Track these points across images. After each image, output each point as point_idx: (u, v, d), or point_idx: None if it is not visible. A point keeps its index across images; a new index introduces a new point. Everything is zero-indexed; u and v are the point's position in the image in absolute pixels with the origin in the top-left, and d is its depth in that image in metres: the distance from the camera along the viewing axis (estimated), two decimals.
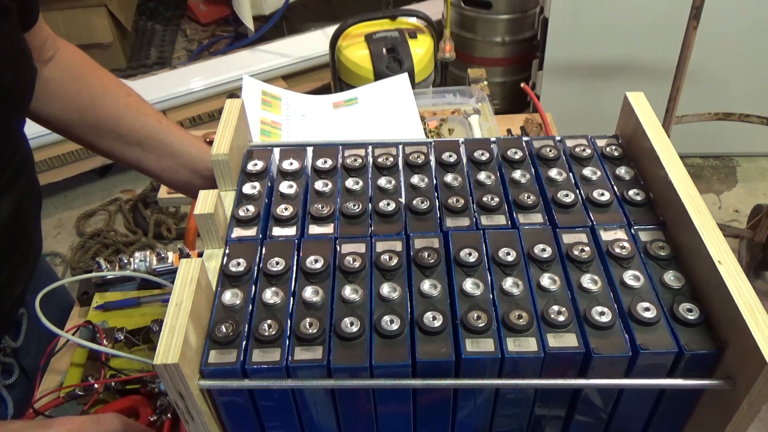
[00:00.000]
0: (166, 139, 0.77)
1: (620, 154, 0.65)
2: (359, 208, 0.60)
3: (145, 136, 0.77)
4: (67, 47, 0.78)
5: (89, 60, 0.80)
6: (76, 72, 0.77)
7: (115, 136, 0.76)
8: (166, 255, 0.85)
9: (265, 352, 0.49)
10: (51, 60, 0.75)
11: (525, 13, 2.30)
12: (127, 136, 0.76)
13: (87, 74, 0.78)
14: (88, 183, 2.46)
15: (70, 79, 0.76)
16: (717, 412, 0.50)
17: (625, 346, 0.49)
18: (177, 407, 0.49)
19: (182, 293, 0.49)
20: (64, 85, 0.76)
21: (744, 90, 2.17)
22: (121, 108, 0.77)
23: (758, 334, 0.44)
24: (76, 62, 0.78)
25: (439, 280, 0.53)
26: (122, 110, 0.77)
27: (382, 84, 1.30)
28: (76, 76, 0.77)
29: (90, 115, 0.76)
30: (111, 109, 0.77)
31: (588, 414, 0.55)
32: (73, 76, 0.77)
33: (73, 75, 0.77)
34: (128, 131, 0.76)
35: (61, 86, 0.75)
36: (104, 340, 0.77)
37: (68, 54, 0.77)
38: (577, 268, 0.54)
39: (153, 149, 0.77)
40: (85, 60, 0.79)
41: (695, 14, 1.53)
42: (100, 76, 0.79)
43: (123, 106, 0.78)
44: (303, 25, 2.94)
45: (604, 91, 2.17)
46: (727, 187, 2.36)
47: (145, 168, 0.79)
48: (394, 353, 0.49)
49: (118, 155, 0.78)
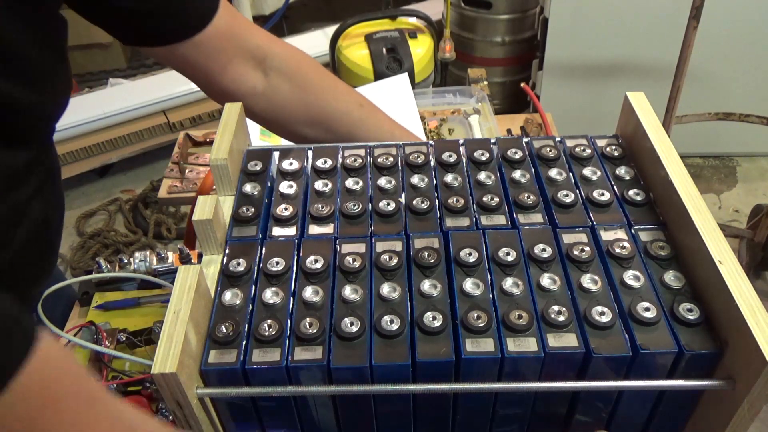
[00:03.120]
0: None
1: (620, 154, 0.65)
2: (359, 208, 0.60)
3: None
4: (285, 51, 0.76)
5: (313, 65, 0.79)
6: (301, 82, 0.76)
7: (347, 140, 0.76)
8: (166, 255, 0.85)
9: (265, 352, 0.49)
10: (271, 69, 0.74)
11: (525, 13, 2.30)
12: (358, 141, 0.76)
13: (314, 83, 0.77)
14: (88, 183, 2.46)
15: (297, 89, 0.76)
16: (717, 412, 0.50)
17: (625, 346, 0.49)
18: (175, 416, 0.49)
19: (180, 301, 0.49)
20: (291, 96, 0.75)
21: (744, 90, 2.17)
22: (354, 122, 0.77)
23: (759, 334, 0.44)
24: (300, 70, 0.77)
25: (439, 280, 0.53)
26: (356, 124, 0.77)
27: (382, 84, 1.30)
28: (302, 86, 0.76)
29: (320, 125, 0.76)
30: (344, 124, 0.77)
31: (588, 414, 0.55)
32: (300, 86, 0.76)
33: (299, 85, 0.76)
34: (362, 139, 0.76)
35: (288, 98, 0.75)
36: (106, 341, 0.77)
37: (290, 61, 0.76)
38: (577, 268, 0.54)
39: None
40: (308, 66, 0.78)
41: (695, 14, 1.53)
42: (327, 84, 0.78)
43: (357, 120, 0.77)
44: (303, 25, 2.94)
45: (604, 91, 2.17)
46: (727, 187, 2.35)
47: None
48: (394, 353, 0.49)
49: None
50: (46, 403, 0.38)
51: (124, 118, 2.26)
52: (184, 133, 1.32)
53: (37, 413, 0.37)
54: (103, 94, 2.32)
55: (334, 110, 0.76)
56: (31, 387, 0.36)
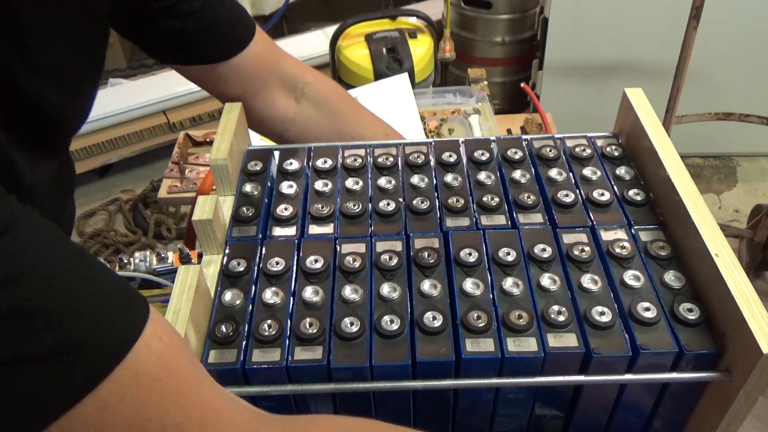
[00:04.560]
0: None
1: (620, 154, 0.65)
2: (359, 208, 0.60)
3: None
4: (317, 79, 0.78)
5: (344, 95, 0.80)
6: (333, 110, 0.78)
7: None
8: (166, 255, 0.85)
9: (265, 352, 0.49)
10: (303, 96, 0.76)
11: (525, 13, 2.30)
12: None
13: (345, 112, 0.79)
14: (88, 183, 2.46)
15: (328, 117, 0.77)
16: (713, 404, 0.50)
17: (625, 346, 0.49)
18: None
19: (180, 301, 0.49)
20: (323, 123, 0.77)
21: (744, 90, 2.17)
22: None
23: (754, 325, 0.44)
24: (332, 99, 0.78)
25: (439, 280, 0.53)
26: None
27: (382, 84, 1.30)
28: (333, 114, 0.78)
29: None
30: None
31: (588, 414, 0.55)
32: (332, 114, 0.77)
33: (331, 114, 0.77)
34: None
35: (320, 125, 0.77)
36: None
37: (322, 90, 0.78)
38: (577, 268, 0.54)
39: None
40: (339, 96, 0.80)
41: (695, 14, 1.53)
42: (357, 113, 0.80)
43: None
44: (303, 25, 2.94)
45: (604, 90, 2.17)
46: (727, 187, 2.35)
47: None
48: (394, 353, 0.49)
49: None
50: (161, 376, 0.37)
51: (124, 118, 2.26)
52: (184, 133, 1.33)
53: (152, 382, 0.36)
54: (103, 94, 2.31)
55: (362, 139, 0.77)
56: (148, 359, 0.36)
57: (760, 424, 0.70)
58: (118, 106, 2.23)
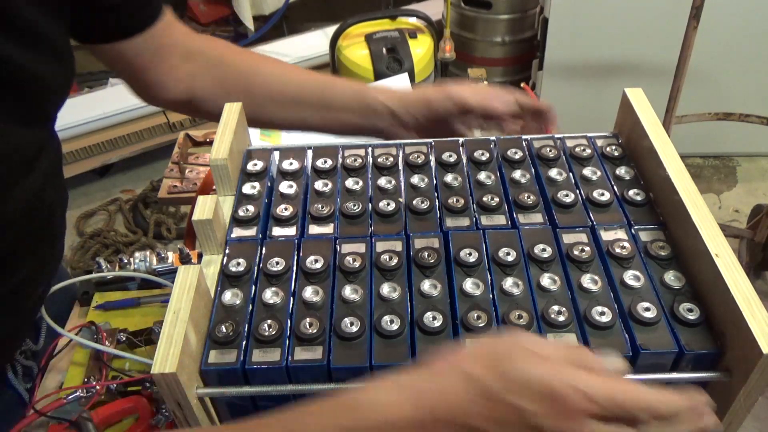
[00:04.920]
0: (320, 92, 0.80)
1: (620, 154, 0.65)
2: (359, 208, 0.60)
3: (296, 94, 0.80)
4: (205, 41, 0.82)
5: (229, 45, 0.84)
6: (218, 60, 0.81)
7: (272, 106, 0.80)
8: (166, 255, 0.85)
9: (265, 352, 0.49)
10: (191, 55, 0.79)
11: (525, 13, 2.30)
12: (281, 101, 0.80)
13: (231, 59, 0.81)
14: (88, 183, 2.46)
15: (215, 66, 0.80)
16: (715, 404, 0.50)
17: (625, 346, 0.49)
18: (175, 416, 0.49)
19: (180, 301, 0.49)
20: (213, 71, 0.79)
21: (744, 90, 2.17)
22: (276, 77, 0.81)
23: (754, 325, 0.44)
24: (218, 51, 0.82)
25: (439, 280, 0.53)
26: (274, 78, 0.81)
27: (382, 84, 1.30)
28: (219, 63, 0.80)
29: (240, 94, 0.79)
30: (265, 84, 0.80)
31: None
32: (217, 63, 0.80)
33: (216, 62, 0.80)
34: (281, 97, 0.80)
35: (210, 74, 0.79)
36: (106, 341, 0.77)
37: (207, 46, 0.81)
38: (577, 268, 0.54)
39: (309, 105, 0.80)
40: (225, 47, 0.83)
41: (695, 14, 1.53)
42: (244, 57, 0.82)
43: (279, 74, 0.81)
44: (303, 25, 2.94)
45: (604, 91, 2.17)
46: (727, 187, 2.36)
47: (309, 126, 0.82)
48: (394, 353, 0.49)
49: (278, 122, 0.83)
50: None
51: (124, 118, 2.26)
52: (184, 133, 1.32)
53: None
54: (103, 94, 2.32)
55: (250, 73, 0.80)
56: None
57: (759, 424, 0.70)
58: (118, 106, 2.23)
